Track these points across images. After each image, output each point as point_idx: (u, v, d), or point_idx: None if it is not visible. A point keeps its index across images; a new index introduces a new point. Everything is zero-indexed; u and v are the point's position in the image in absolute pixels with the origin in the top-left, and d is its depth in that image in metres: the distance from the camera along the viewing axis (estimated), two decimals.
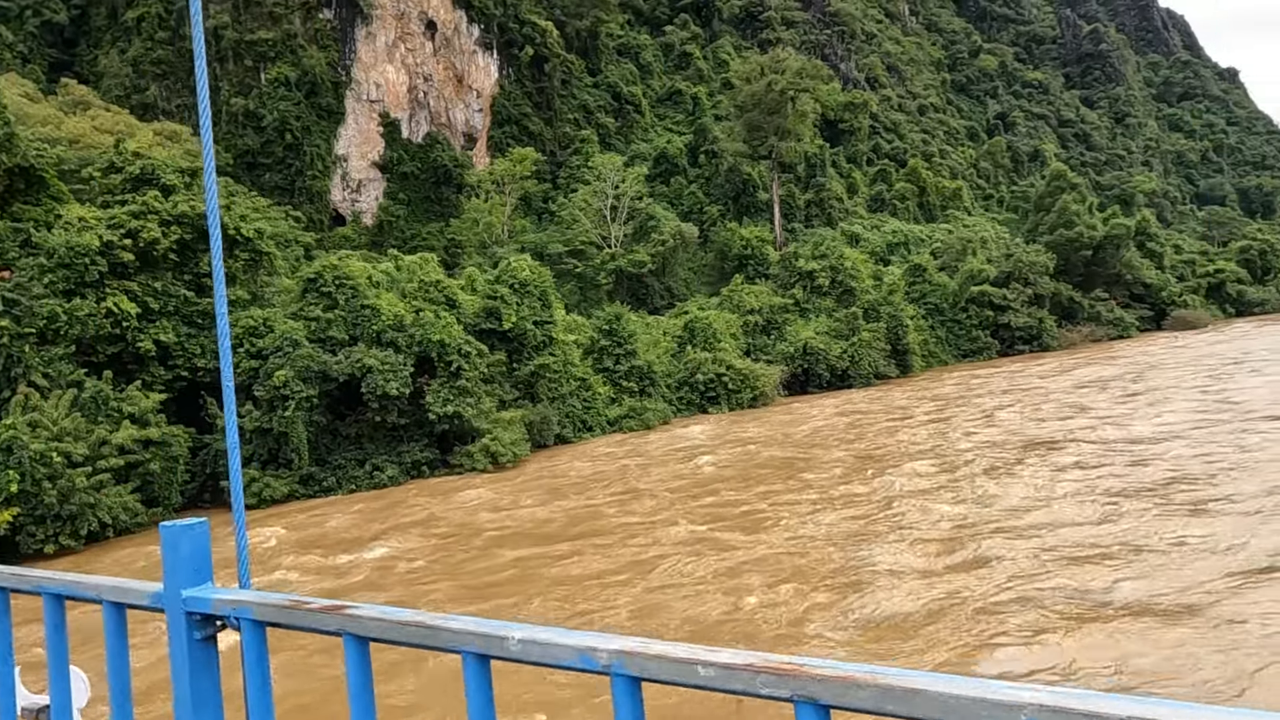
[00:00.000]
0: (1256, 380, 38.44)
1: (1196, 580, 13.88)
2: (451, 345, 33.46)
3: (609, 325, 44.13)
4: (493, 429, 33.60)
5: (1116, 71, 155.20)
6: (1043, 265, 66.71)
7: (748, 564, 17.11)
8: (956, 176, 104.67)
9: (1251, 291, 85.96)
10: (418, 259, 41.00)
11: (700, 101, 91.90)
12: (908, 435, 32.39)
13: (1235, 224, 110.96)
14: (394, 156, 71.20)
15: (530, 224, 71.91)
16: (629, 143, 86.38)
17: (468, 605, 16.25)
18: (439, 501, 27.49)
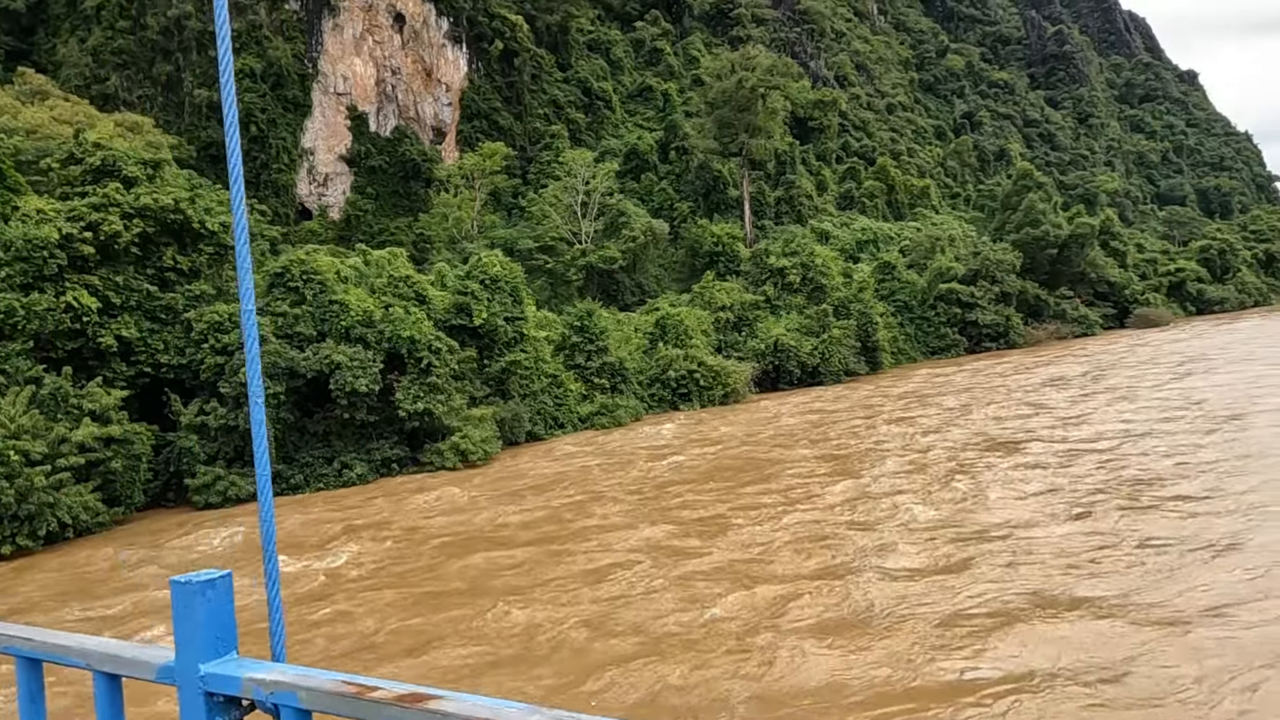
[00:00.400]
0: (1214, 379, 39.14)
1: (1161, 585, 13.86)
2: (422, 341, 33.05)
3: (580, 322, 43.89)
4: (463, 426, 33.26)
5: (1080, 73, 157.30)
6: (1010, 263, 67.41)
7: (703, 572, 16.74)
8: (924, 175, 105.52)
9: (1211, 290, 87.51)
10: (386, 254, 40.49)
11: (671, 98, 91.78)
12: (873, 434, 32.22)
13: (1195, 224, 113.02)
14: (361, 150, 70.36)
15: (500, 219, 71.44)
16: (599, 139, 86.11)
17: (414, 617, 15.55)
18: (402, 502, 26.94)
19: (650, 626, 13.97)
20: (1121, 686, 10.71)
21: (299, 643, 14.64)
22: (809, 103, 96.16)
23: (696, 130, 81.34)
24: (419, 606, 16.20)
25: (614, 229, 67.75)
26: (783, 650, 12.46)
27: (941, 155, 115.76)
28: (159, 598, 17.90)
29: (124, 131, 45.38)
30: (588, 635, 13.92)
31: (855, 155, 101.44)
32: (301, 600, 17.23)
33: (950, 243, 71.85)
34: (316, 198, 67.98)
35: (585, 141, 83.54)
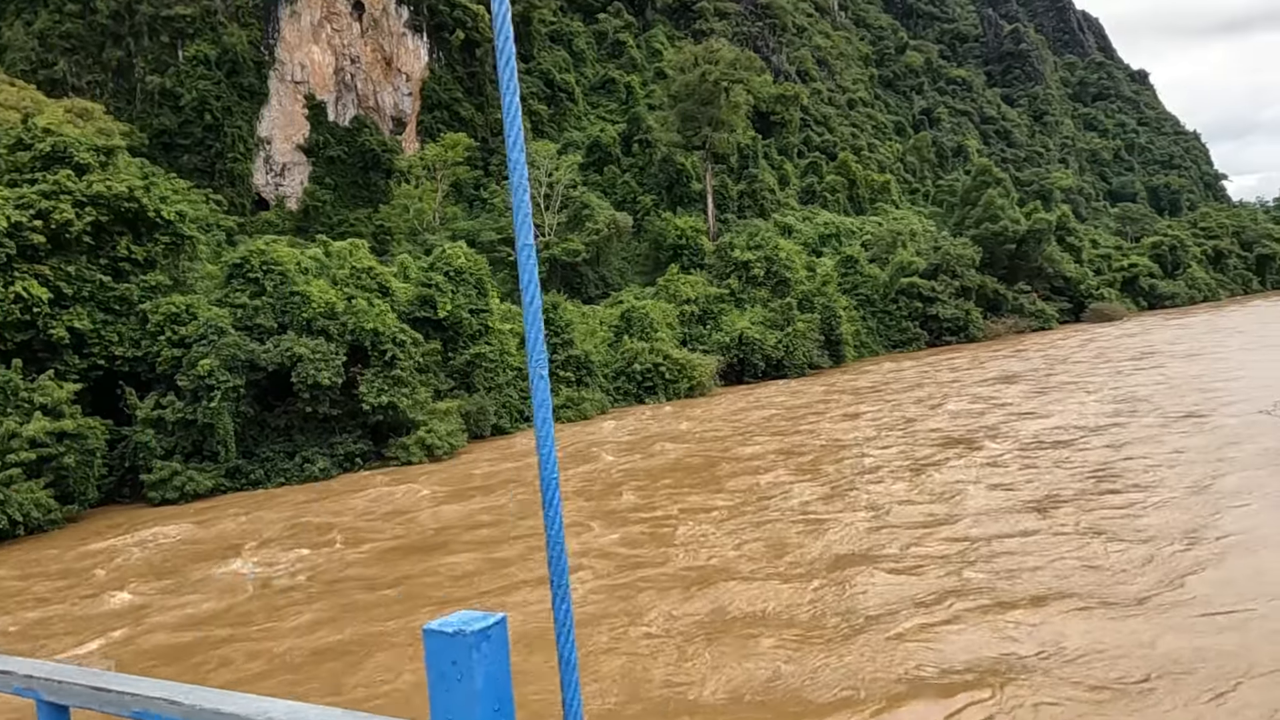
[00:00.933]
0: (1161, 375, 39.92)
1: (1116, 588, 13.67)
2: (385, 334, 32.52)
3: (545, 314, 43.52)
4: (428, 420, 32.80)
5: (1035, 71, 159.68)
6: (969, 258, 68.21)
7: (646, 581, 15.97)
8: (884, 170, 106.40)
9: (1163, 285, 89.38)
10: (348, 245, 39.77)
11: (634, 90, 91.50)
12: (832, 430, 31.92)
13: (1147, 220, 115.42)
14: (320, 140, 69.19)
15: (462, 211, 70.70)
16: (562, 130, 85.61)
17: (337, 633, 14.48)
18: (356, 499, 26.25)
19: (587, 641, 13.20)
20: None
21: (192, 667, 13.43)
22: (771, 97, 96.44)
23: (659, 123, 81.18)
24: (347, 620, 15.18)
25: (577, 221, 67.39)
26: (723, 674, 11.74)
27: (901, 151, 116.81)
28: (73, 611, 17.21)
29: (74, 118, 44.07)
30: (519, 656, 13.06)
31: (817, 150, 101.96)
32: (217, 615, 16.10)
33: (911, 237, 72.56)
34: (274, 188, 66.72)
35: (548, 133, 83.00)
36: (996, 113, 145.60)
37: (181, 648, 14.54)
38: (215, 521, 24.90)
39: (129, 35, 62.25)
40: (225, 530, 23.72)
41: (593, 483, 25.91)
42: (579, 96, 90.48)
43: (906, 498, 20.66)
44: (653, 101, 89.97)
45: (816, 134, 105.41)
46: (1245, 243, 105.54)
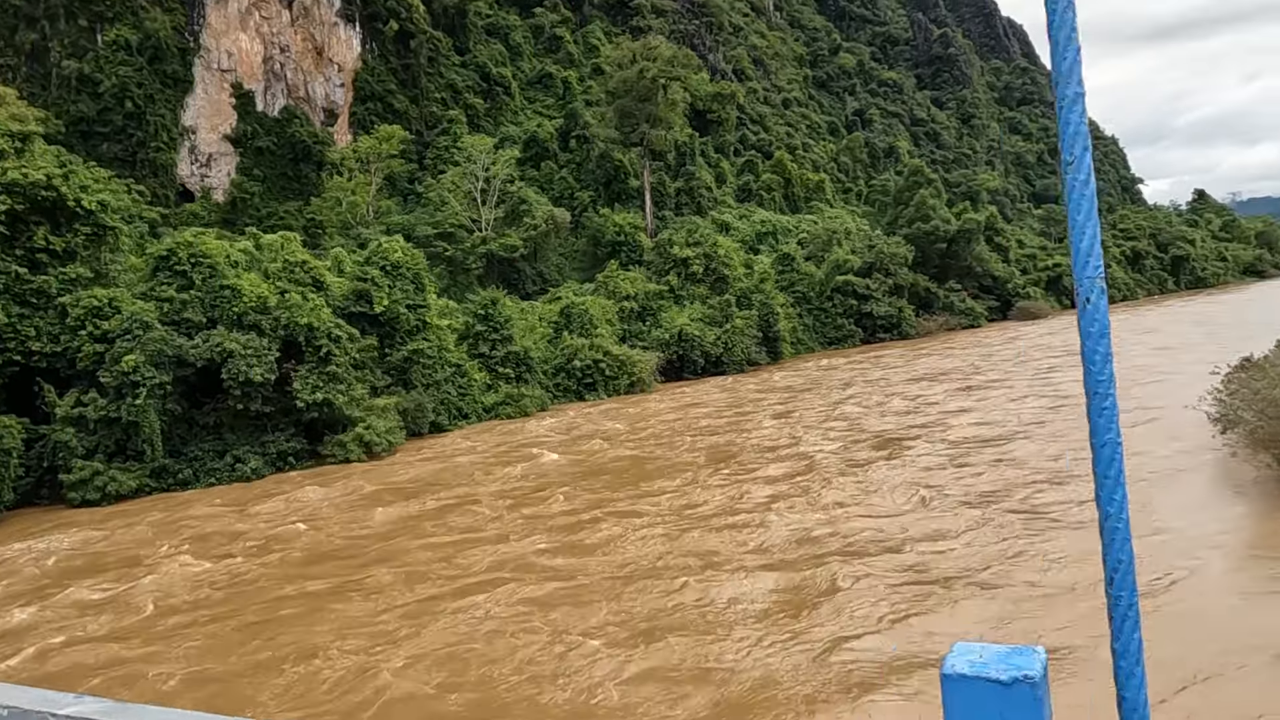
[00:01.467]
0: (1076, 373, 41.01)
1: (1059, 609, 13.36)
2: (320, 329, 31.67)
3: (484, 310, 42.96)
4: (366, 417, 32.06)
5: (964, 75, 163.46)
6: (902, 257, 69.42)
7: (564, 595, 15.25)
8: (819, 169, 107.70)
9: None
10: (279, 238, 38.67)
11: (571, 86, 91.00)
12: (763, 429, 31.58)
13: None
14: (248, 130, 67.22)
15: (396, 205, 69.43)
16: (498, 125, 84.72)
17: (221, 663, 13.50)
18: (277, 503, 25.28)
19: (495, 673, 12.27)
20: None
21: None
22: (708, 95, 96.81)
23: (597, 119, 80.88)
24: (235, 647, 14.14)
25: (515, 217, 66.75)
26: (642, 710, 11.11)
27: (835, 151, 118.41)
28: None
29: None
30: (431, 691, 12.01)
31: (753, 148, 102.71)
32: (95, 640, 14.78)
33: (846, 236, 73.55)
34: (199, 179, 64.59)
35: (484, 128, 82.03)
36: (926, 115, 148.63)
37: (43, 678, 13.36)
38: (130, 526, 23.82)
39: (44, 18, 59.60)
40: (130, 538, 22.56)
41: (521, 484, 25.25)
42: (516, 91, 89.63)
43: (837, 501, 20.42)
44: (590, 97, 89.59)
45: (752, 133, 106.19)
46: (1161, 244, 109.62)
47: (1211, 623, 11.99)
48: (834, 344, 65.83)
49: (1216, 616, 12.21)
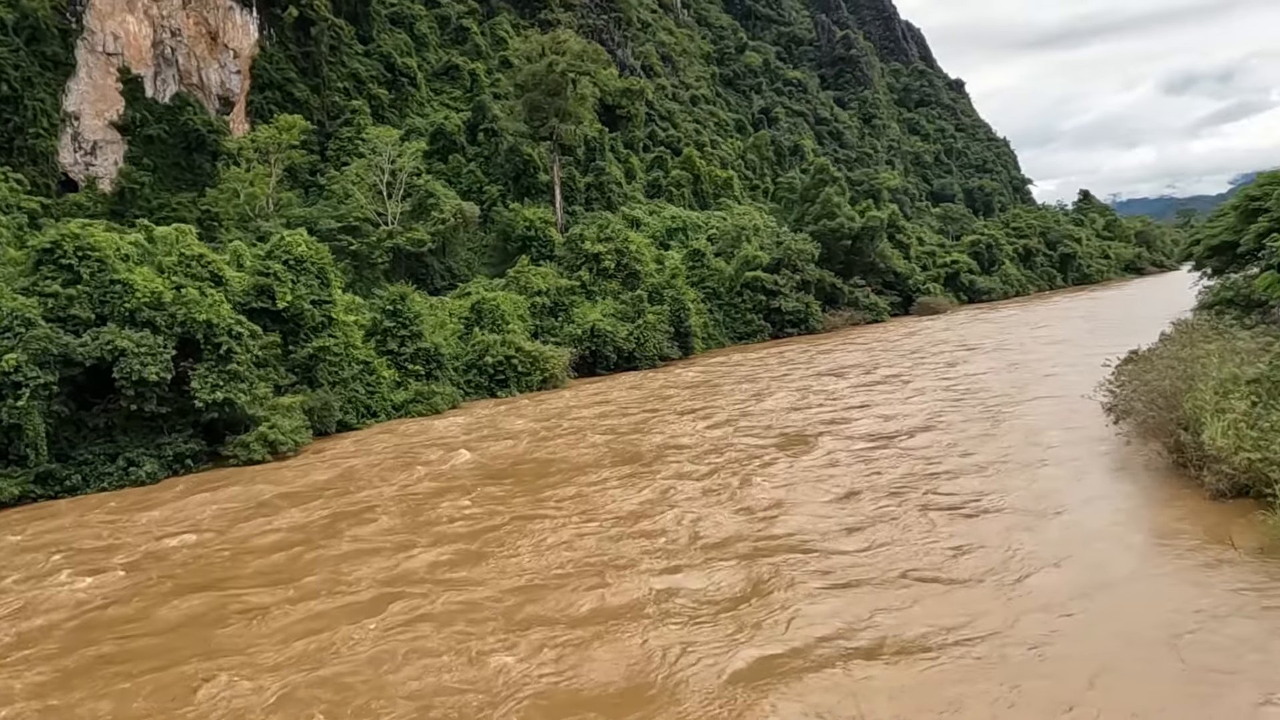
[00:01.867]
0: (984, 365, 42.56)
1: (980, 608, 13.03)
2: (220, 326, 30.35)
3: (393, 306, 41.93)
4: (270, 416, 30.88)
5: (865, 76, 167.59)
6: (809, 253, 70.73)
7: (461, 611, 14.59)
8: (727, 166, 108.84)
9: (980, 281, 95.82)
10: (173, 230, 36.89)
11: (479, 78, 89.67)
12: (671, 428, 31.07)
13: (965, 220, 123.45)
14: (137, 117, 64.05)
15: (297, 197, 67.18)
16: (404, 116, 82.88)
17: (68, 695, 12.45)
18: (162, 510, 23.98)
19: (380, 704, 11.54)
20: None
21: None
22: (617, 90, 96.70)
23: (506, 113, 79.93)
24: (87, 680, 12.96)
25: (422, 210, 65.44)
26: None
27: (742, 148, 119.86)
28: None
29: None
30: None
31: (662, 145, 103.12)
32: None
33: (755, 232, 74.53)
34: (83, 167, 61.26)
35: (389, 119, 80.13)
36: (830, 114, 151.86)
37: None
38: (6, 536, 22.38)
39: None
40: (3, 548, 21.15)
41: (424, 488, 24.47)
42: (421, 82, 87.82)
43: (744, 501, 20.14)
44: (498, 90, 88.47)
45: (661, 129, 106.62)
46: (1050, 242, 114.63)
47: (1113, 615, 12.43)
48: (744, 339, 66.66)
49: (1118, 607, 12.68)
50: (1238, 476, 16.39)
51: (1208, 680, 10.32)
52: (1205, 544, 14.60)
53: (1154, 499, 17.86)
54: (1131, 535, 15.79)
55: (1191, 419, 18.11)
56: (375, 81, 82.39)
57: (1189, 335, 25.32)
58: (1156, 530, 15.89)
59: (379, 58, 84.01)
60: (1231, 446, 16.65)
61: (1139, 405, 21.25)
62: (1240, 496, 16.48)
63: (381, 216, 63.58)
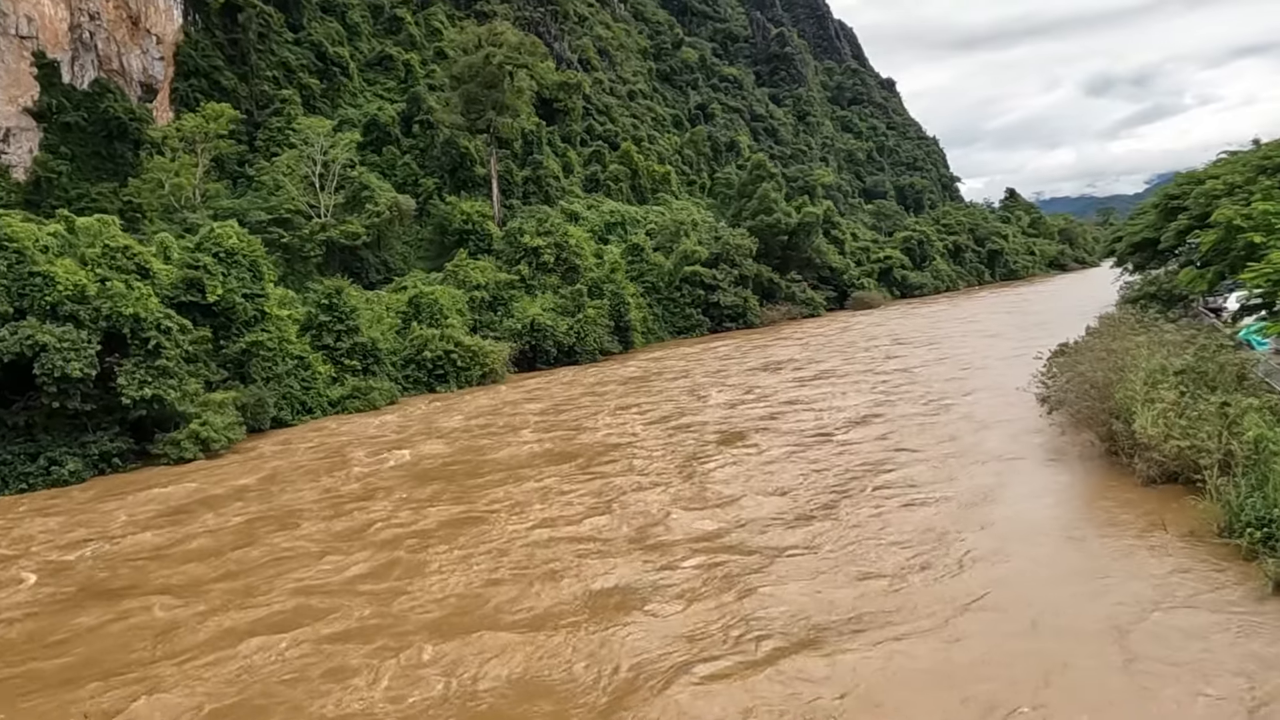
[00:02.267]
0: (919, 360, 43.33)
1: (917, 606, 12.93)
2: (148, 320, 29.33)
3: (329, 300, 41.03)
4: (201, 413, 29.96)
5: (799, 73, 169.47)
6: (747, 248, 71.30)
7: (380, 625, 13.61)
8: (664, 161, 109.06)
9: (913, 276, 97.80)
10: (96, 221, 35.56)
11: (413, 69, 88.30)
12: (606, 425, 30.50)
13: (898, 217, 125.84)
14: (53, 103, 61.51)
15: (225, 188, 65.29)
16: (336, 107, 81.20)
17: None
18: (78, 515, 22.95)
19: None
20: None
21: None
22: (554, 84, 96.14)
23: (442, 105, 78.84)
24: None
25: (356, 203, 64.18)
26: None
27: (679, 144, 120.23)
28: None
29: None
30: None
31: (599, 139, 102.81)
32: None
33: (694, 227, 74.84)
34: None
35: (320, 109, 78.45)
36: (765, 111, 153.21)
37: None
38: None
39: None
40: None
41: (350, 490, 23.64)
42: (354, 72, 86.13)
43: (671, 505, 19.51)
44: (433, 82, 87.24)
45: (599, 123, 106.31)
46: (979, 239, 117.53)
47: (1057, 608, 12.60)
48: (683, 333, 66.90)
49: (1060, 599, 12.83)
50: (1167, 464, 16.97)
51: (1153, 672, 10.41)
52: (1144, 530, 15.01)
53: (1089, 487, 18.38)
54: (1069, 524, 16.21)
55: (1123, 409, 18.70)
56: (306, 70, 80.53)
57: (1116, 328, 26.17)
58: (1093, 519, 16.32)
59: (309, 46, 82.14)
60: (1161, 435, 17.23)
61: (1072, 396, 21.88)
62: (1170, 482, 17.06)
63: (314, 209, 62.18)
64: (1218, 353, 19.83)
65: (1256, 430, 14.87)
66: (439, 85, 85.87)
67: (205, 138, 60.97)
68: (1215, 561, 13.29)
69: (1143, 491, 17.09)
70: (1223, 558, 13.32)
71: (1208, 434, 16.01)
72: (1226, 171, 38.19)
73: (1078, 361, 23.34)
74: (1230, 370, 19.18)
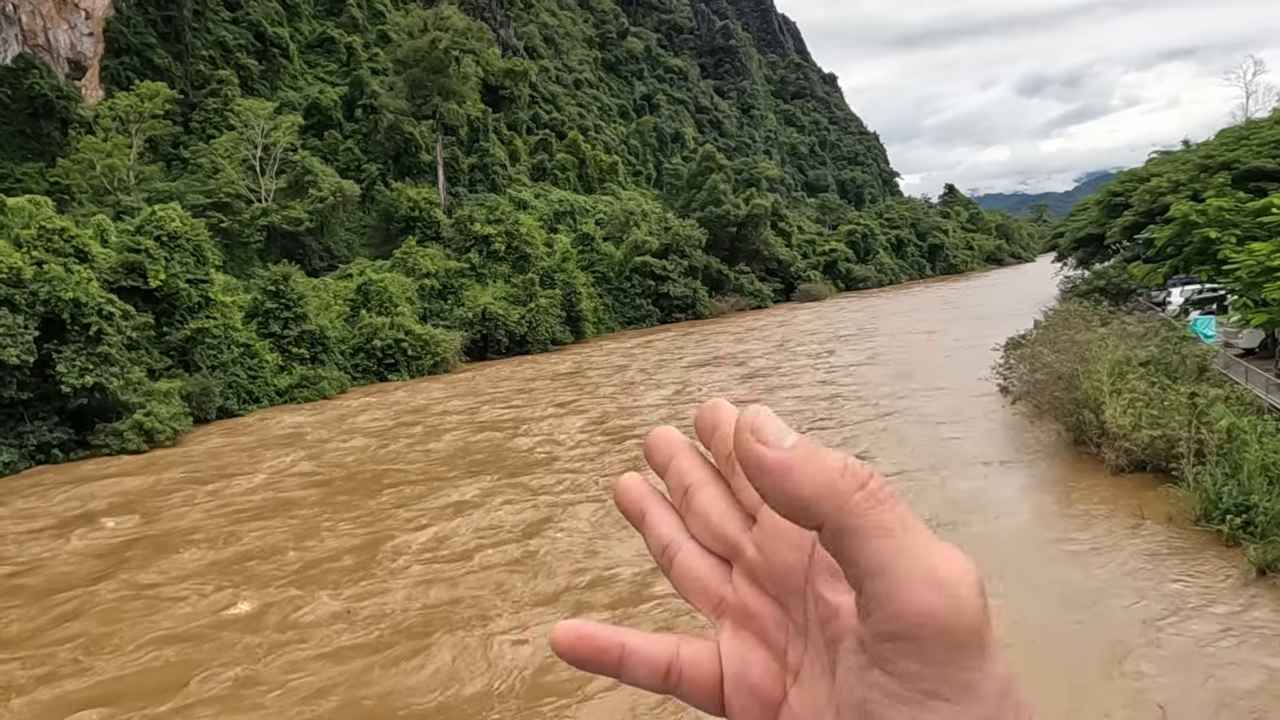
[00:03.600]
0: (882, 346, 43.73)
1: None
2: (89, 305, 28.04)
3: (275, 286, 39.78)
4: (146, 402, 28.78)
5: (743, 66, 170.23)
6: (696, 239, 71.31)
7: (255, 693, 11.43)
8: (611, 151, 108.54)
9: (857, 269, 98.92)
10: (28, 202, 33.96)
11: (356, 52, 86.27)
12: (540, 426, 28.76)
13: (841, 210, 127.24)
14: None
15: (159, 171, 62.99)
16: (275, 89, 78.92)
17: None
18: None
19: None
20: None
21: None
22: (500, 71, 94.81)
23: (386, 89, 77.19)
24: None
25: (299, 188, 62.47)
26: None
27: (625, 134, 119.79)
28: None
29: None
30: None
31: (546, 127, 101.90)
32: None
33: (644, 217, 74.60)
34: None
35: (259, 91, 76.15)
36: (710, 103, 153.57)
37: None
38: None
39: None
40: None
41: (246, 502, 21.11)
42: (294, 53, 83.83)
43: (599, 526, 17.49)
44: (377, 65, 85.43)
45: (545, 111, 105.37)
46: (920, 233, 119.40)
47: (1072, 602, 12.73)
48: (633, 323, 66.62)
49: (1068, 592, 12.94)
50: (1137, 453, 17.27)
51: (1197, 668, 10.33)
52: (1136, 521, 15.08)
53: (1064, 478, 18.51)
54: (1054, 516, 16.15)
55: (1091, 399, 18.99)
56: (244, 51, 78.15)
57: (1071, 321, 26.63)
58: (1075, 511, 16.27)
59: (248, 26, 79.71)
60: (1131, 425, 17.54)
61: (1036, 388, 22.21)
62: (1138, 471, 17.37)
63: (255, 193, 60.38)
64: (1180, 344, 20.29)
65: (1229, 420, 15.20)
66: (383, 69, 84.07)
67: (140, 117, 58.70)
68: (1197, 547, 13.53)
69: (1113, 480, 17.36)
70: (1204, 544, 13.57)
71: (1178, 424, 16.34)
72: (1170, 170, 39.39)
73: (1039, 354, 23.68)
74: (1192, 362, 19.64)
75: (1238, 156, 34.37)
